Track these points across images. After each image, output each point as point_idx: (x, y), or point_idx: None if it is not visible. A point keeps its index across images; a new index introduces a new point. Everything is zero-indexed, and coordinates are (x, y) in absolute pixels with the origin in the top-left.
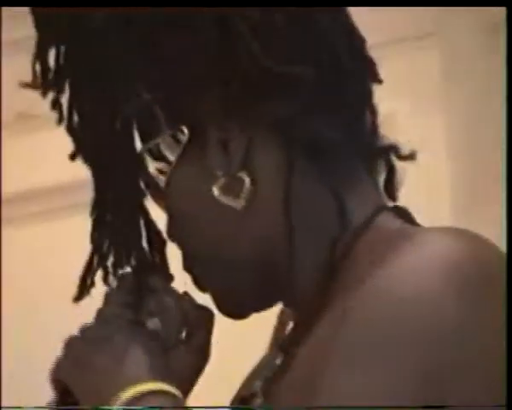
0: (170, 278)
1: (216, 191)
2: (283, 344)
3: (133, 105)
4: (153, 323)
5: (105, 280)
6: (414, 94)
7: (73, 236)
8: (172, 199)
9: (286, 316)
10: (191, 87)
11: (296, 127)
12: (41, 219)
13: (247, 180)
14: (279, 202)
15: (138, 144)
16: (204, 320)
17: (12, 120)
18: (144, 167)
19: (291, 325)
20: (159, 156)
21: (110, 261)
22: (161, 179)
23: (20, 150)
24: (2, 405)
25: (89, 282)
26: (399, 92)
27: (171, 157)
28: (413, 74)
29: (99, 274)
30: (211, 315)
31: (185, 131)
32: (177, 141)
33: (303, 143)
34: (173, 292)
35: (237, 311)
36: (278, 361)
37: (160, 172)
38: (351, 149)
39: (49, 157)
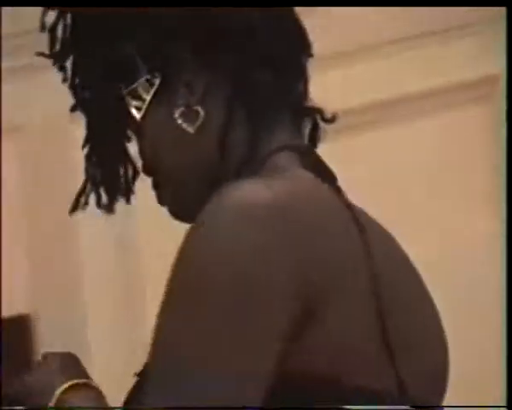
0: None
1: (176, 114)
2: None
3: (120, 56)
4: None
5: (98, 203)
6: None
7: None
8: (145, 128)
9: None
10: (164, 42)
11: (240, 78)
12: None
13: (202, 112)
14: (219, 131)
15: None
16: None
17: None
18: (126, 107)
19: None
20: (136, 96)
21: (101, 189)
22: (138, 114)
23: None
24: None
25: (82, 200)
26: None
27: (147, 96)
28: None
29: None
30: None
31: (158, 75)
32: (151, 84)
33: (243, 90)
34: None
35: (188, 217)
36: None
37: (138, 108)
38: (280, 103)
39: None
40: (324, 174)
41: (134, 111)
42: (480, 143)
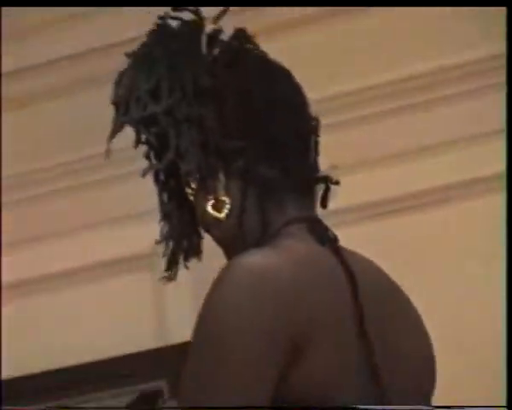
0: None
1: (209, 208)
2: None
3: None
4: None
5: (185, 259)
6: None
7: None
8: (196, 209)
9: None
10: (201, 156)
11: (249, 172)
12: None
13: (228, 200)
14: (238, 216)
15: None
16: None
17: None
18: (187, 194)
19: None
20: (190, 186)
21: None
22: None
23: None
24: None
25: (173, 263)
26: None
27: (194, 186)
28: None
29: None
30: None
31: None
32: (195, 178)
33: (252, 175)
34: None
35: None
36: None
37: (191, 195)
38: (287, 180)
39: None
40: (325, 237)
41: (190, 197)
42: (484, 230)
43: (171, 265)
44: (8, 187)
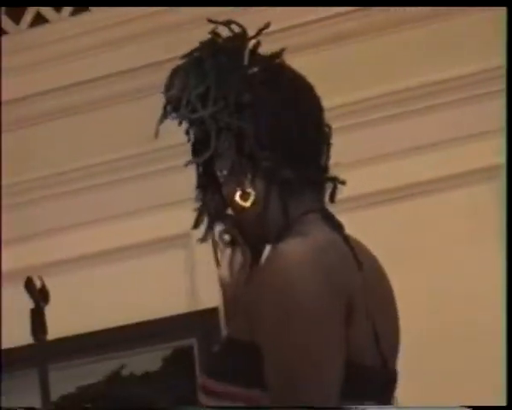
0: None
1: (237, 197)
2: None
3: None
4: None
5: (210, 225)
6: None
7: None
8: (224, 190)
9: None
10: (234, 157)
11: (272, 171)
12: None
13: (253, 193)
14: (262, 205)
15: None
16: None
17: None
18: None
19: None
20: (221, 172)
21: (209, 216)
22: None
23: None
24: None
25: (199, 220)
26: None
27: (225, 174)
28: None
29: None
30: None
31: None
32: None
33: (275, 176)
34: None
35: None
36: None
37: (221, 178)
38: (304, 179)
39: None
40: (336, 226)
41: (221, 179)
42: (484, 215)
43: (199, 223)
44: (68, 179)
